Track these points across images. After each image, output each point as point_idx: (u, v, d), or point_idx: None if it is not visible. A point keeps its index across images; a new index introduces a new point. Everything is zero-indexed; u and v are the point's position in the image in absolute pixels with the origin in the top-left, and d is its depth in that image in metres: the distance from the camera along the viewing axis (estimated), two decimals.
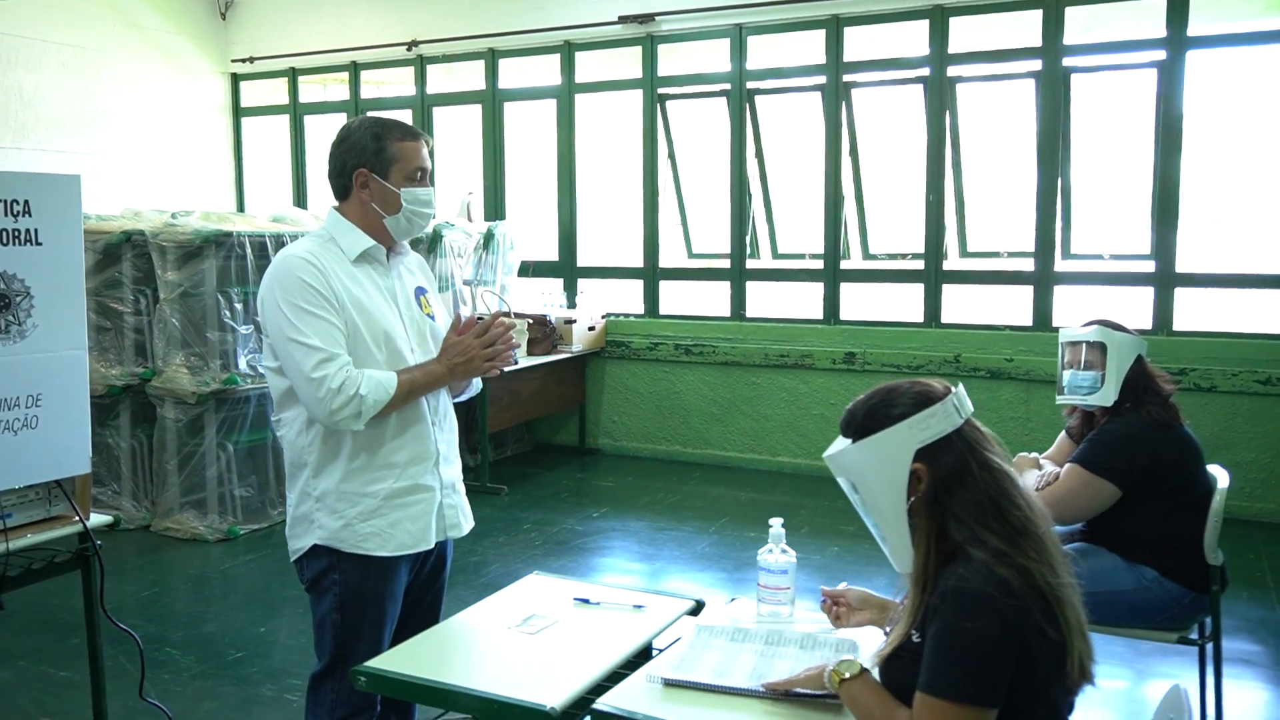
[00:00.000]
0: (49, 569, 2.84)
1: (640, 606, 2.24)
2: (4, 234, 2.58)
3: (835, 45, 6.20)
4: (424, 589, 2.47)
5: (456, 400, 2.53)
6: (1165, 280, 5.60)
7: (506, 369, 2.44)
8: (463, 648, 2.11)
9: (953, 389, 1.71)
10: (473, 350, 2.29)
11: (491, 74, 7.31)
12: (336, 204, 2.37)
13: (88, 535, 2.86)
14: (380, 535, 2.28)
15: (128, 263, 5.29)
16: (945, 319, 6.13)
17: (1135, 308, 5.65)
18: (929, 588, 1.64)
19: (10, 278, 2.61)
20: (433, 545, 2.37)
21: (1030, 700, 1.59)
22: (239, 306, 5.20)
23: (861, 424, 1.72)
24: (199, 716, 3.30)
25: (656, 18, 6.63)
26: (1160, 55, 5.53)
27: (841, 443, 1.75)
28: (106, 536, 5.06)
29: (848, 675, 1.69)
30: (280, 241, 5.32)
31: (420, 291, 2.45)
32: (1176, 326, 5.59)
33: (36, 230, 2.65)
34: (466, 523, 2.46)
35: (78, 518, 2.81)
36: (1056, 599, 1.58)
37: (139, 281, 5.30)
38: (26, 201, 2.62)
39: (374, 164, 2.29)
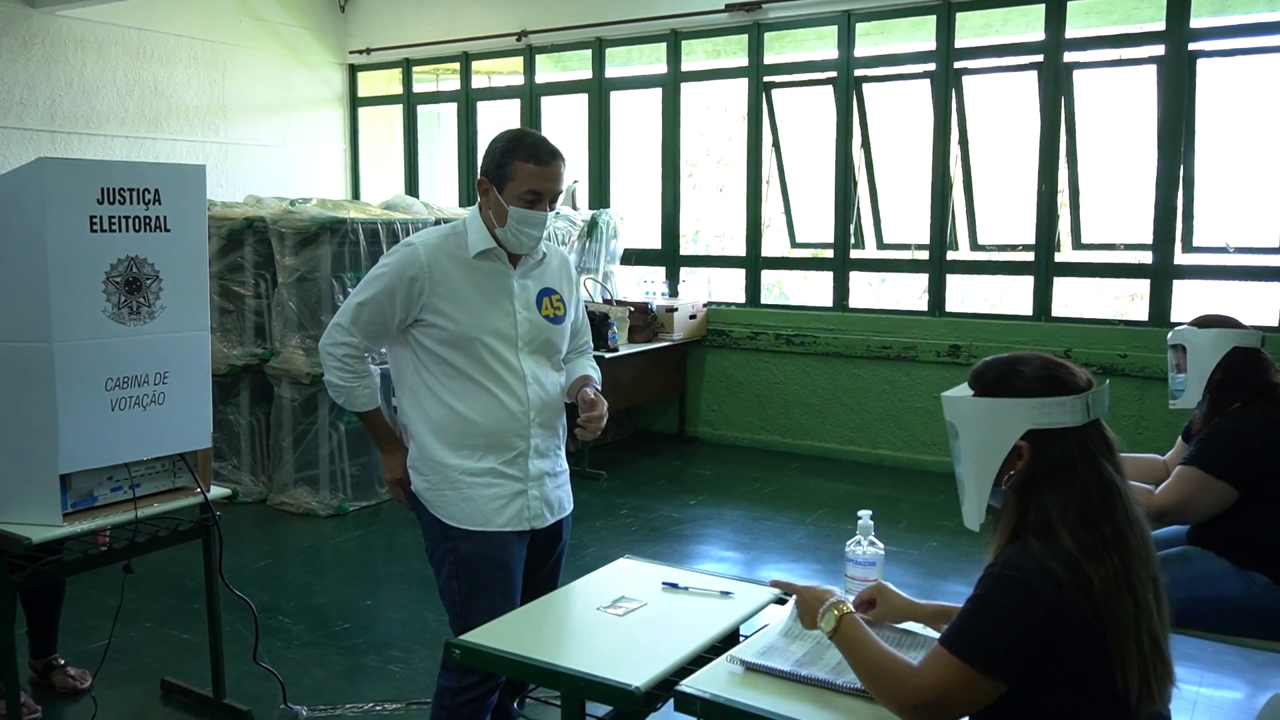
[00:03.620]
0: (173, 537, 3.03)
1: (728, 593, 2.26)
2: (136, 220, 2.75)
3: (946, 31, 6.07)
4: (538, 563, 2.56)
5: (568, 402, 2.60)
6: None
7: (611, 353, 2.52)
8: (553, 626, 2.17)
9: (1095, 385, 1.67)
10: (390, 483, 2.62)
11: (598, 63, 7.38)
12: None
13: (208, 506, 3.03)
14: (452, 505, 2.43)
15: (249, 248, 5.53)
16: (1056, 312, 5.96)
17: (1262, 303, 5.40)
18: None
19: (141, 262, 2.77)
20: (505, 530, 2.43)
21: (1076, 704, 1.56)
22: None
23: (990, 383, 1.71)
24: (307, 682, 3.46)
25: (763, 5, 6.59)
26: None
27: (963, 390, 1.75)
28: (226, 509, 5.31)
29: (829, 630, 1.77)
30: (391, 229, 5.49)
31: (547, 293, 2.53)
32: None
33: (166, 217, 2.82)
34: (551, 515, 2.53)
35: (199, 489, 2.98)
36: (1114, 620, 1.53)
37: (259, 266, 5.54)
38: (157, 190, 2.79)
39: (494, 176, 2.40)
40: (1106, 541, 1.57)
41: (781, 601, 2.27)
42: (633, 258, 7.30)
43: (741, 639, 2.11)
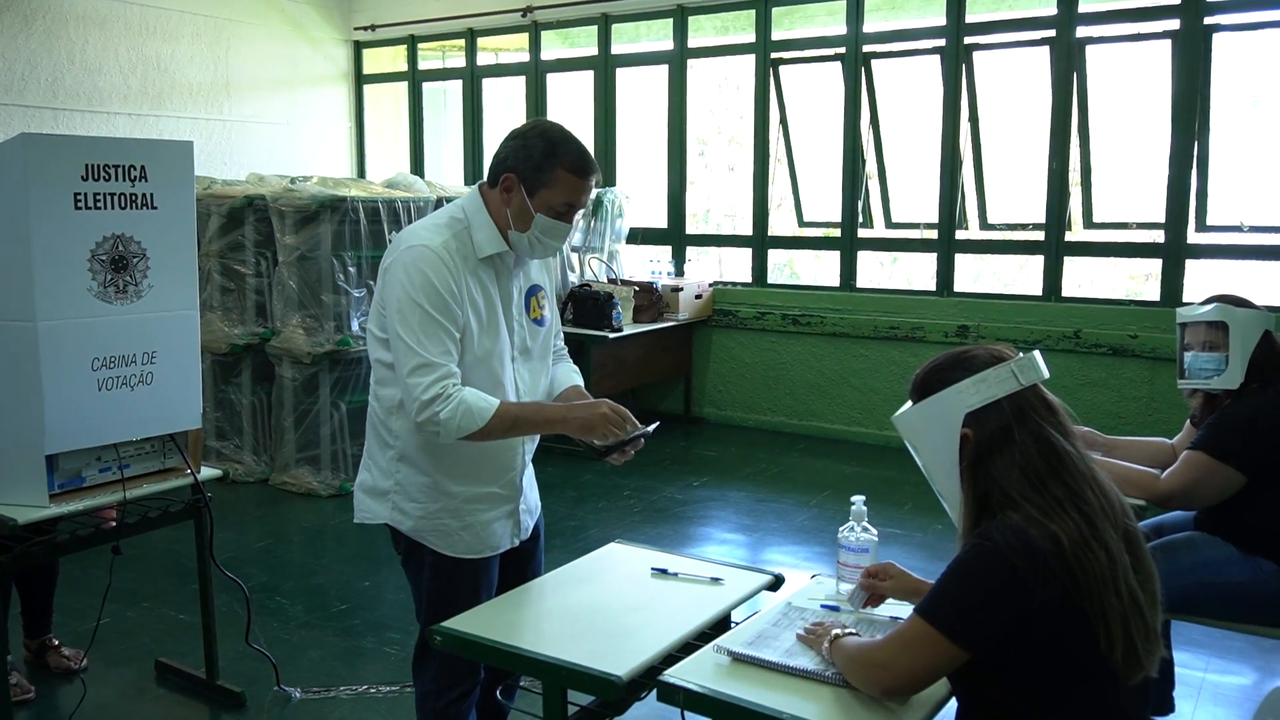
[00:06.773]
0: (163, 518, 3.00)
1: (718, 579, 2.22)
2: (122, 198, 2.71)
3: (957, 6, 5.96)
4: (525, 559, 2.47)
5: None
6: None
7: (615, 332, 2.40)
8: (537, 613, 2.12)
9: (1018, 355, 1.69)
10: (604, 423, 2.14)
11: (604, 40, 7.29)
12: (485, 184, 2.24)
13: (198, 487, 3.00)
14: (452, 537, 2.27)
15: (250, 226, 5.49)
16: (1067, 292, 5.87)
17: (1277, 283, 5.30)
18: None
19: (128, 240, 2.73)
20: (499, 552, 2.34)
21: (1060, 674, 1.55)
22: (352, 270, 5.34)
23: (920, 387, 1.75)
24: (303, 664, 3.44)
25: None
26: None
27: (906, 405, 1.78)
28: (229, 488, 5.33)
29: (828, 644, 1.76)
30: (392, 207, 5.43)
31: (533, 291, 2.35)
32: None
33: (152, 195, 2.77)
34: (532, 520, 2.46)
35: (189, 470, 2.95)
36: (1087, 575, 1.52)
37: (260, 245, 5.50)
38: (143, 167, 2.74)
39: (527, 176, 2.15)
40: (1060, 501, 1.58)
41: (773, 588, 2.23)
42: (639, 237, 7.23)
43: (733, 626, 2.06)
